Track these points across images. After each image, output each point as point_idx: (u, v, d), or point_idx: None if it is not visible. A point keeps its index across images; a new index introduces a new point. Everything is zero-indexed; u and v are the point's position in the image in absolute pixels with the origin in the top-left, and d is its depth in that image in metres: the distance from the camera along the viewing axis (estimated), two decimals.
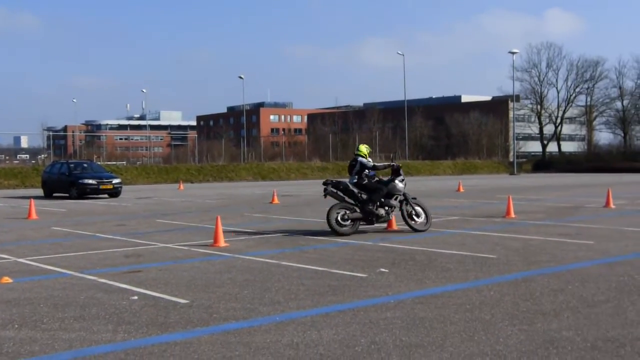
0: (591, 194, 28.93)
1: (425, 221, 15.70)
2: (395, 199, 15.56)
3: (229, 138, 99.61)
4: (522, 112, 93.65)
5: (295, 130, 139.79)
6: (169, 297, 8.72)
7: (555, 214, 19.64)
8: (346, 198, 15.35)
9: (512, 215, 18.63)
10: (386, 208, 15.48)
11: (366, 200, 15.28)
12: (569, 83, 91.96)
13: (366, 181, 15.43)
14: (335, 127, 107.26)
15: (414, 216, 15.62)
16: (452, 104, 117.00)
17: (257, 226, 17.50)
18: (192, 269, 10.87)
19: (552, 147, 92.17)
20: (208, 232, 15.63)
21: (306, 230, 16.33)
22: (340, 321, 7.32)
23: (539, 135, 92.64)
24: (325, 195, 15.72)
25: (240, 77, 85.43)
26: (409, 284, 9.32)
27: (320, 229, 16.29)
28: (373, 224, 15.62)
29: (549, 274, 9.91)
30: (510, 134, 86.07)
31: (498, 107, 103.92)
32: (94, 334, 6.95)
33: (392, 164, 16.03)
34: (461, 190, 32.84)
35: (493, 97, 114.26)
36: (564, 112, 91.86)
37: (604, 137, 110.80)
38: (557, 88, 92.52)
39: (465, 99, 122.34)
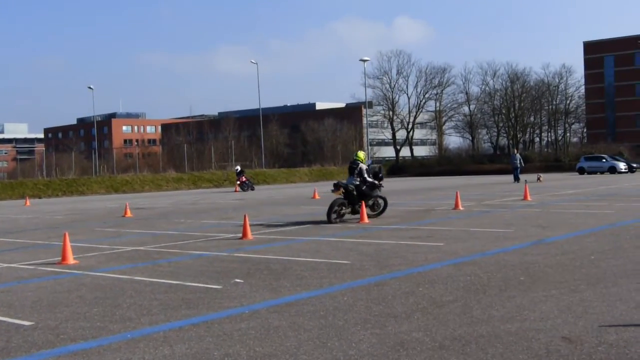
0: (442, 197, 30.01)
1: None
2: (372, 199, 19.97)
3: (79, 151, 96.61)
4: (375, 118, 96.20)
5: (149, 141, 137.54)
6: (11, 319, 8.25)
7: (408, 218, 20.18)
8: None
9: (366, 220, 18.97)
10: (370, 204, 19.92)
11: (358, 199, 19.35)
12: (419, 89, 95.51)
13: (364, 187, 19.42)
14: (190, 137, 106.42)
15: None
16: (307, 112, 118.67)
17: (108, 241, 16.97)
18: (38, 289, 10.37)
19: (405, 152, 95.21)
20: (56, 249, 14.97)
21: (160, 243, 15.99)
22: (193, 335, 7.18)
23: (392, 141, 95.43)
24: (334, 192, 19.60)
25: (90, 88, 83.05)
26: (264, 294, 9.28)
27: (173, 242, 16.00)
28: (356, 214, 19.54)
29: (401, 277, 10.14)
30: (365, 140, 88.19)
31: (352, 113, 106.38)
32: None
33: (379, 183, 20.04)
34: (317, 197, 33.18)
35: (347, 104, 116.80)
36: (415, 117, 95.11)
37: (454, 141, 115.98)
38: (407, 94, 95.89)
39: (319, 106, 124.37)
